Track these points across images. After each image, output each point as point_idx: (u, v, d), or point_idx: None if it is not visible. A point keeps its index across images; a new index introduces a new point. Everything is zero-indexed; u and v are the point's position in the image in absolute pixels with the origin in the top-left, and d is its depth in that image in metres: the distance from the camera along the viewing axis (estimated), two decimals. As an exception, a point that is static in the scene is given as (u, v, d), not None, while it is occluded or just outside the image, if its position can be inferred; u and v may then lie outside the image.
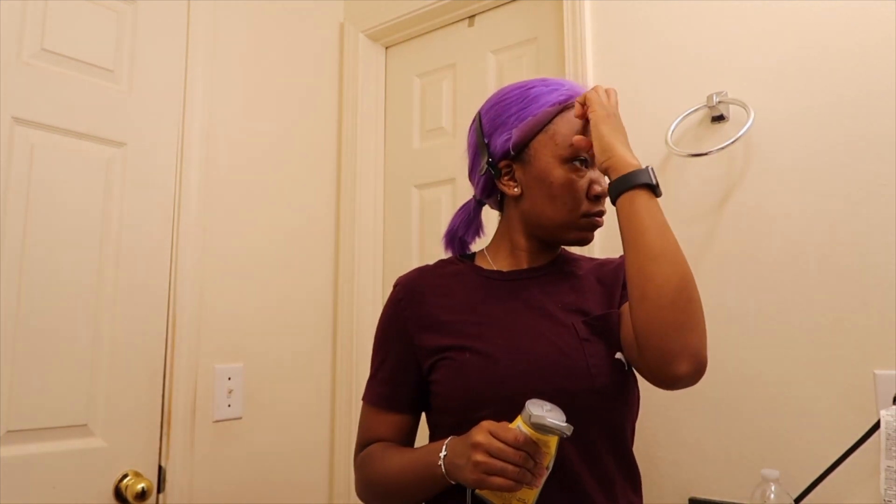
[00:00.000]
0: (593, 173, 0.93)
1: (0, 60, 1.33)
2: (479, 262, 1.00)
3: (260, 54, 1.79)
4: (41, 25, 1.39)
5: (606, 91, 0.91)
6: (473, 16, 1.84)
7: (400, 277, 1.01)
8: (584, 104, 0.90)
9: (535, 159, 0.91)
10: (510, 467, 0.74)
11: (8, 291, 1.30)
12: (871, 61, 1.16)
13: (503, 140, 0.93)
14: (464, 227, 1.04)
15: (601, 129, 0.86)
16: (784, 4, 1.26)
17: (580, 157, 0.91)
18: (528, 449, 0.74)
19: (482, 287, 0.95)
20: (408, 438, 0.98)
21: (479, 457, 0.75)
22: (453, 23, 1.88)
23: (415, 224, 1.88)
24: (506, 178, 0.95)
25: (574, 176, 0.90)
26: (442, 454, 0.82)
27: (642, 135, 1.40)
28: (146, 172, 1.53)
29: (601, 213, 0.94)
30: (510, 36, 1.74)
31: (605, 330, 0.90)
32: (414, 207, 1.89)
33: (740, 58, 1.30)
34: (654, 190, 0.82)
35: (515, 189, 0.94)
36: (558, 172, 0.90)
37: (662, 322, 0.76)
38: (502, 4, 1.77)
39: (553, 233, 0.94)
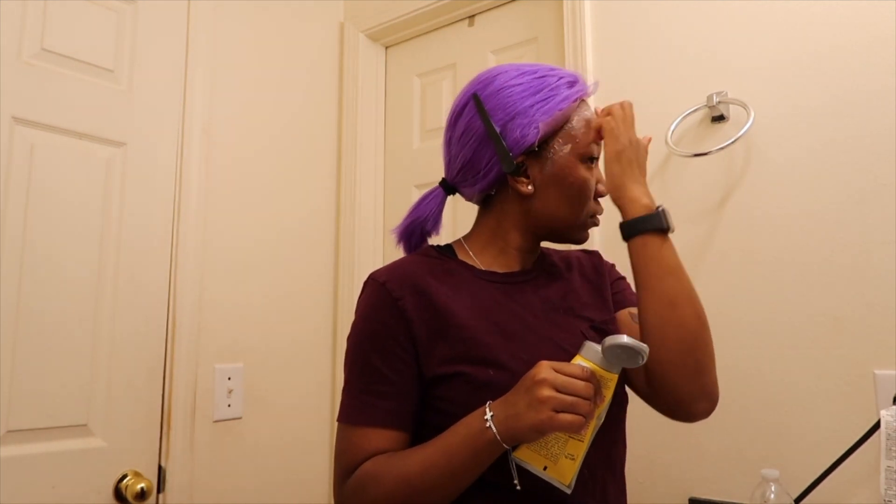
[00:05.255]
0: (597, 172, 0.91)
1: (0, 60, 1.33)
2: (462, 258, 0.91)
3: (260, 54, 1.79)
4: (41, 25, 1.39)
5: (622, 106, 0.88)
6: (473, 16, 1.84)
7: (380, 273, 0.86)
8: (602, 122, 0.87)
9: (556, 157, 0.86)
10: (581, 401, 0.68)
11: (8, 291, 1.30)
12: (871, 61, 1.16)
13: (532, 132, 0.84)
14: (433, 220, 0.93)
15: (612, 168, 0.85)
16: (784, 4, 1.26)
17: (593, 156, 0.88)
18: (594, 383, 0.70)
19: (484, 290, 0.86)
20: None
21: (546, 392, 0.68)
22: (453, 23, 1.88)
23: (415, 224, 1.88)
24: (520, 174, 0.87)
25: (589, 175, 0.87)
26: (488, 416, 0.72)
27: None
28: (146, 172, 1.53)
29: (601, 212, 0.92)
30: (510, 36, 1.74)
31: (609, 335, 0.90)
32: (414, 207, 1.89)
33: (740, 58, 1.30)
34: (666, 232, 0.82)
35: (529, 187, 0.86)
36: (579, 172, 0.86)
37: (681, 366, 0.80)
38: (502, 4, 1.77)
39: (560, 233, 0.90)
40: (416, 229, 0.94)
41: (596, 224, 0.92)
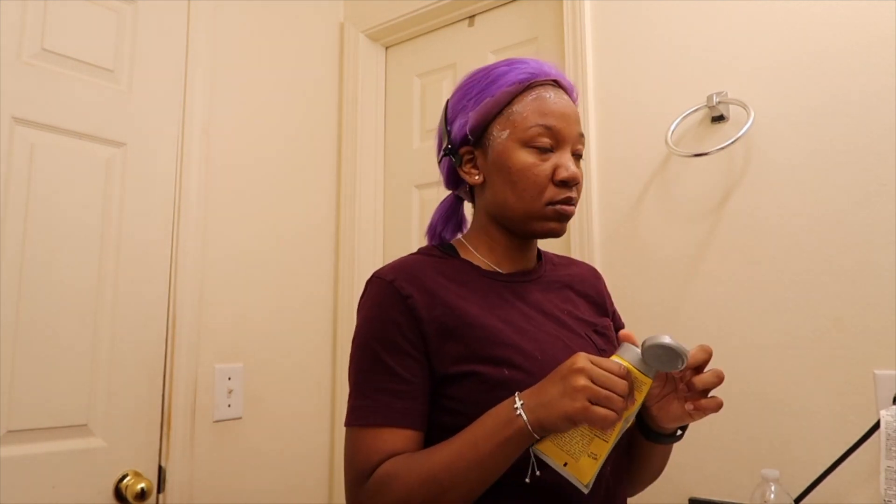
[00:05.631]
0: (559, 157, 0.84)
1: (0, 60, 1.33)
2: (465, 256, 0.91)
3: (260, 54, 1.79)
4: (41, 25, 1.39)
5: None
6: (473, 16, 1.84)
7: (386, 271, 0.85)
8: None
9: (495, 143, 0.86)
10: (616, 397, 0.67)
11: (8, 291, 1.30)
12: (871, 61, 1.16)
13: (461, 124, 0.88)
14: (442, 223, 0.97)
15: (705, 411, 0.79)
16: (784, 4, 1.26)
17: (542, 145, 0.84)
18: (630, 382, 0.69)
19: (491, 289, 0.86)
20: None
21: (583, 381, 0.67)
22: (453, 23, 1.88)
23: (415, 224, 1.88)
24: (468, 165, 0.89)
25: (535, 160, 0.83)
26: (517, 404, 0.70)
27: (642, 135, 1.41)
28: (146, 172, 1.53)
29: (569, 201, 0.84)
30: (510, 36, 1.74)
31: (611, 340, 0.91)
32: (414, 207, 1.89)
33: (740, 58, 1.30)
34: None
35: (477, 177, 0.88)
36: (517, 156, 0.84)
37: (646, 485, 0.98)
38: (502, 4, 1.77)
39: (519, 224, 0.87)
40: (434, 233, 0.98)
41: (564, 214, 0.85)
